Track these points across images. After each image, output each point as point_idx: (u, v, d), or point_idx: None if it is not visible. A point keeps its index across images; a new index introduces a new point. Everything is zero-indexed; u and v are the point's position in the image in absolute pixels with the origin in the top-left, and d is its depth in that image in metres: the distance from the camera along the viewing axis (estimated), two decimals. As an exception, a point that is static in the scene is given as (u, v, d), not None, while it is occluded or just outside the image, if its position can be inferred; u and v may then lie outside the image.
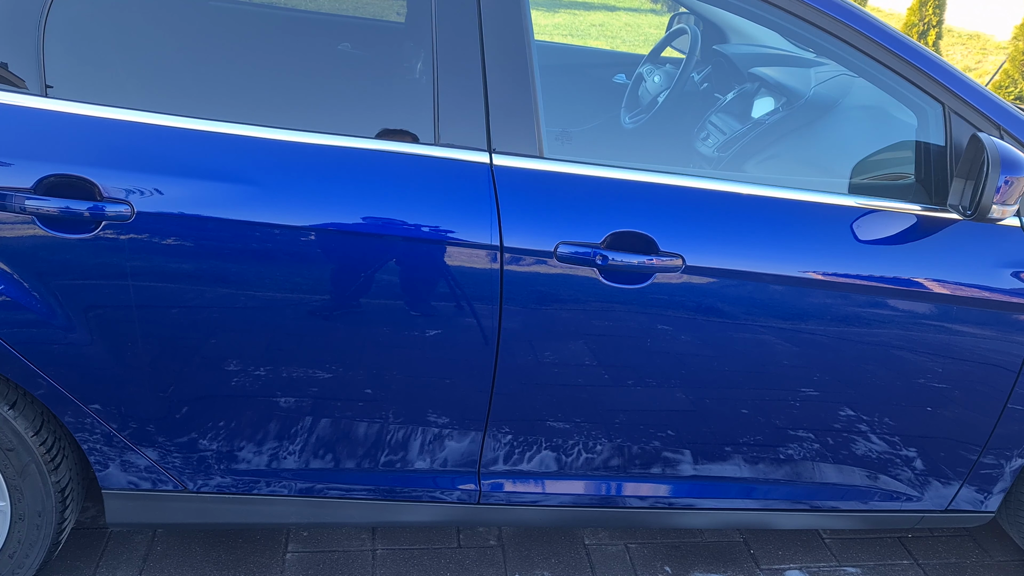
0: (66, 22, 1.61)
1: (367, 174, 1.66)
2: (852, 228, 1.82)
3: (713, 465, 2.04)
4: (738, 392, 1.92)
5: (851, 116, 2.36)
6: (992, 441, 2.05)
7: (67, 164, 1.56)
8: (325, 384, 1.79)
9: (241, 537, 2.25)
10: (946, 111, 1.85)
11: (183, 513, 1.95)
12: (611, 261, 1.72)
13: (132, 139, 1.59)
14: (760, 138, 2.37)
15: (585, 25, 10.74)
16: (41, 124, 1.57)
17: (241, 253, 1.63)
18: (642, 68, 3.12)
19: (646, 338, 1.81)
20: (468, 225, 1.68)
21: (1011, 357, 1.93)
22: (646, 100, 2.97)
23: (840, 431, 2.00)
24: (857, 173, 2.01)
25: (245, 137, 1.63)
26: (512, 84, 1.71)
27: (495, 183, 1.69)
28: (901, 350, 1.89)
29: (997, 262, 1.87)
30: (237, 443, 1.86)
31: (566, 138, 2.65)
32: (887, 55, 1.82)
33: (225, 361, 1.74)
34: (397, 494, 1.98)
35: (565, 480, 2.02)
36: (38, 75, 1.58)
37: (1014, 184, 1.69)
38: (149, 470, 1.87)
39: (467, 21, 1.69)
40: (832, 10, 1.80)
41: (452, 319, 1.74)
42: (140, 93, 1.67)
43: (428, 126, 1.69)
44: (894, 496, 2.14)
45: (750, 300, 1.80)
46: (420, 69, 1.76)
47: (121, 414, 1.78)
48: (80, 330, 1.66)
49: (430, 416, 1.87)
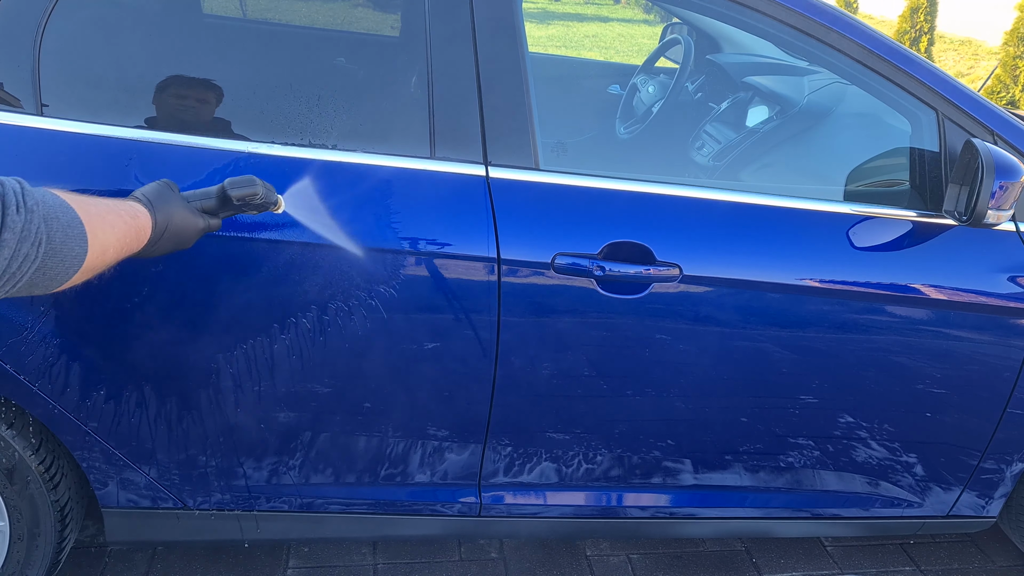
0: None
1: (363, 189, 1.66)
2: (848, 235, 1.83)
3: (714, 474, 2.04)
4: (737, 400, 1.92)
5: (845, 124, 2.37)
6: (992, 446, 2.05)
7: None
8: (323, 399, 1.79)
9: (242, 553, 2.25)
10: (940, 117, 1.86)
11: (183, 530, 1.94)
12: (608, 272, 1.72)
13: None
14: (755, 147, 2.38)
15: (579, 36, 10.79)
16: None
17: (244, 268, 1.63)
18: (636, 79, 3.14)
19: (644, 348, 1.81)
20: (465, 238, 1.68)
21: (1009, 361, 1.93)
22: (641, 110, 2.99)
23: (840, 438, 2.00)
24: (852, 180, 2.02)
25: (244, 153, 1.63)
26: (507, 96, 1.71)
27: (491, 196, 1.69)
28: (899, 356, 1.90)
29: (993, 267, 1.87)
30: (236, 459, 1.85)
31: (562, 149, 2.66)
32: (880, 62, 1.83)
33: (222, 377, 1.73)
34: (397, 508, 1.98)
35: (566, 491, 2.02)
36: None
37: (1009, 189, 1.70)
38: (148, 487, 1.86)
39: (461, 34, 1.69)
40: (824, 18, 1.81)
41: (450, 332, 1.74)
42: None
43: (424, 140, 1.69)
44: (895, 503, 2.14)
45: (748, 308, 1.80)
46: (415, 83, 1.76)
47: (119, 432, 1.77)
48: (76, 348, 1.66)
49: (429, 429, 1.87)
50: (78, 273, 1.09)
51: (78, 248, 1.06)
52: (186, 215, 1.36)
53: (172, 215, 1.33)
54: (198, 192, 1.43)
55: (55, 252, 1.02)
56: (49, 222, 1.02)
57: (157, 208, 1.30)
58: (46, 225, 1.01)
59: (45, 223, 1.01)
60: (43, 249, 1.00)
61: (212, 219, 1.42)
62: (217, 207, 1.42)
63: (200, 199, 1.41)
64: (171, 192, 1.36)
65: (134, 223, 1.23)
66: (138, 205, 1.28)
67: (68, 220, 1.05)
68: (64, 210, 1.05)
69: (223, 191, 1.42)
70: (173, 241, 1.35)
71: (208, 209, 1.42)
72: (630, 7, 13.85)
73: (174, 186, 1.39)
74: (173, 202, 1.34)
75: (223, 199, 1.42)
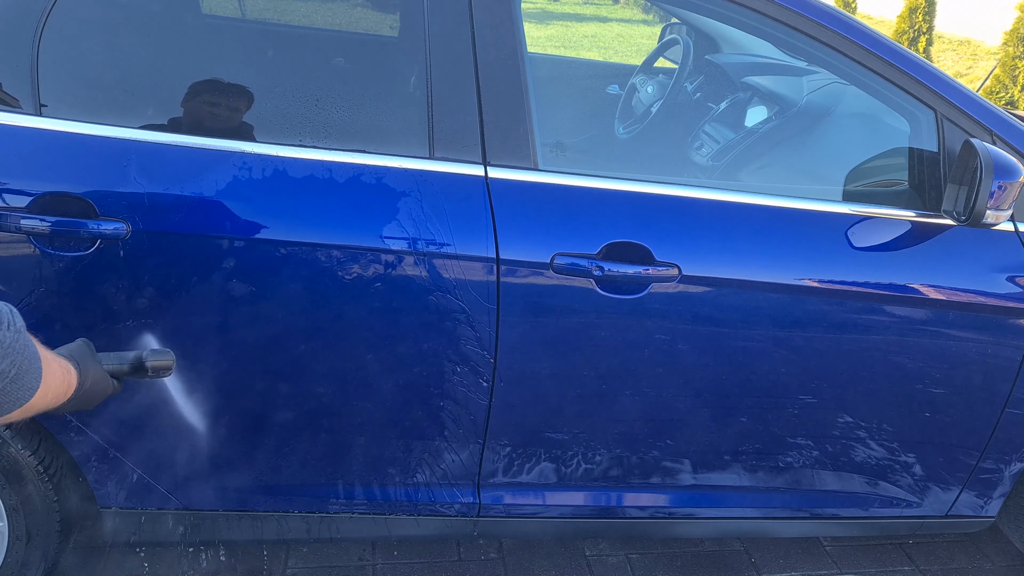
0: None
1: (362, 188, 1.66)
2: (847, 235, 1.83)
3: (712, 474, 2.04)
4: (736, 400, 1.92)
5: (844, 124, 2.37)
6: (991, 445, 2.05)
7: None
8: (322, 399, 1.79)
9: (242, 553, 2.24)
10: (939, 117, 1.86)
11: (182, 530, 1.94)
12: (607, 272, 1.72)
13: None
14: (754, 147, 2.38)
15: (578, 37, 10.78)
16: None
17: (242, 269, 1.63)
18: (635, 79, 3.13)
19: (643, 348, 1.81)
20: (464, 238, 1.68)
21: (1008, 361, 1.93)
22: (640, 110, 2.98)
23: (839, 438, 2.00)
24: (851, 180, 2.02)
25: (244, 153, 1.63)
26: (506, 97, 1.71)
27: (490, 196, 1.70)
28: (898, 356, 1.90)
29: (992, 267, 1.87)
30: (235, 459, 1.85)
31: (561, 149, 2.66)
32: (879, 62, 1.83)
33: (221, 377, 1.73)
34: (397, 508, 1.98)
35: (565, 491, 2.02)
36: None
37: (1008, 189, 1.70)
38: (147, 488, 1.86)
39: (460, 34, 1.69)
40: (823, 19, 1.81)
41: (449, 332, 1.74)
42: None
43: (423, 140, 1.69)
44: (894, 502, 2.14)
45: (746, 308, 1.80)
46: (414, 83, 1.76)
47: (117, 432, 1.77)
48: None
49: (428, 429, 1.87)
50: (16, 411, 1.07)
51: (33, 383, 1.05)
52: (101, 378, 1.32)
53: (91, 376, 1.29)
54: (112, 356, 1.39)
55: (19, 377, 1.02)
56: (22, 350, 1.02)
57: (82, 368, 1.27)
58: (22, 352, 1.02)
59: (24, 349, 1.02)
60: (13, 372, 1.00)
61: (117, 384, 1.39)
62: (127, 372, 1.39)
63: (114, 363, 1.38)
64: (91, 352, 1.33)
65: (66, 378, 1.21)
66: (69, 363, 1.25)
67: (31, 355, 1.05)
68: (29, 345, 1.06)
69: (140, 360, 1.39)
70: (82, 402, 1.29)
71: (117, 374, 1.38)
72: (629, 7, 13.85)
73: (92, 346, 1.35)
74: (92, 363, 1.31)
75: (137, 367, 1.39)
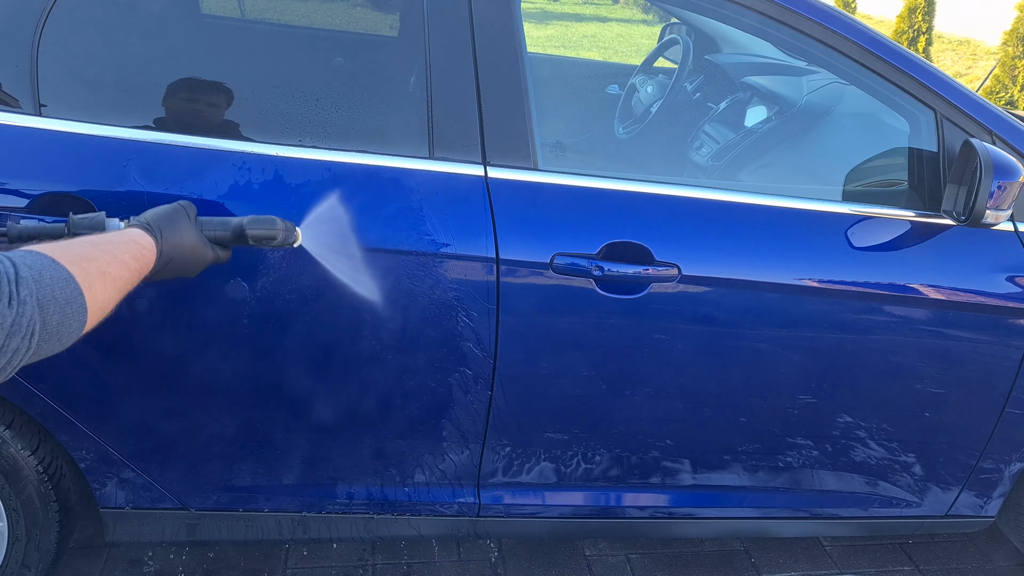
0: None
1: (361, 188, 1.66)
2: (847, 235, 1.83)
3: (712, 474, 2.04)
4: (736, 400, 1.92)
5: (844, 124, 2.37)
6: (990, 445, 2.05)
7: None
8: (322, 399, 1.79)
9: (242, 553, 2.24)
10: (938, 117, 1.86)
11: (182, 530, 1.94)
12: (607, 272, 1.72)
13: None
14: (753, 147, 2.38)
15: (577, 36, 10.78)
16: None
17: (240, 269, 1.63)
18: (635, 79, 3.13)
19: (643, 348, 1.81)
20: (464, 238, 1.68)
21: (1008, 361, 1.93)
22: (639, 110, 2.98)
23: (839, 438, 2.00)
24: (851, 180, 2.02)
25: (244, 153, 1.63)
26: (506, 96, 1.71)
27: (490, 196, 1.69)
28: (898, 356, 1.90)
29: (992, 267, 1.87)
30: (235, 459, 1.85)
31: (560, 149, 2.66)
32: (878, 62, 1.83)
33: (220, 378, 1.73)
34: (396, 508, 1.97)
35: (565, 491, 2.02)
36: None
37: (1007, 189, 1.70)
38: (147, 488, 1.86)
39: (460, 34, 1.69)
40: (823, 19, 1.81)
41: (449, 332, 1.73)
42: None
43: (423, 140, 1.69)
44: (894, 502, 2.14)
45: (746, 308, 1.80)
46: (414, 83, 1.76)
47: (117, 432, 1.77)
48: (74, 348, 1.65)
49: (428, 429, 1.87)
50: (77, 336, 1.01)
51: (76, 323, 0.99)
52: (196, 245, 1.28)
53: (180, 245, 1.25)
54: (215, 220, 1.36)
55: (50, 336, 0.95)
56: (44, 307, 0.93)
57: (164, 237, 1.22)
58: (40, 312, 0.92)
59: (40, 309, 0.93)
60: (36, 339, 0.92)
61: (222, 251, 1.36)
62: (230, 239, 1.37)
63: (215, 228, 1.35)
64: (184, 219, 1.29)
65: (136, 264, 1.14)
66: (144, 236, 1.19)
67: (67, 296, 0.96)
68: (62, 284, 0.97)
69: (241, 228, 1.36)
70: (177, 271, 1.27)
71: (220, 240, 1.35)
72: (628, 7, 13.85)
73: (191, 210, 1.31)
74: (184, 230, 1.27)
75: (239, 235, 1.37)
